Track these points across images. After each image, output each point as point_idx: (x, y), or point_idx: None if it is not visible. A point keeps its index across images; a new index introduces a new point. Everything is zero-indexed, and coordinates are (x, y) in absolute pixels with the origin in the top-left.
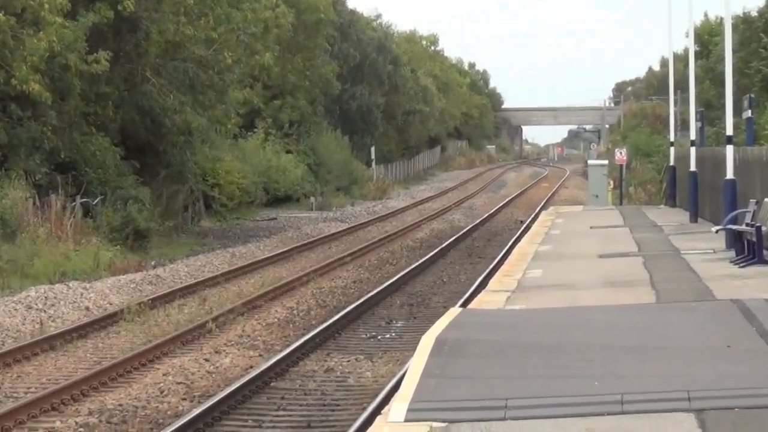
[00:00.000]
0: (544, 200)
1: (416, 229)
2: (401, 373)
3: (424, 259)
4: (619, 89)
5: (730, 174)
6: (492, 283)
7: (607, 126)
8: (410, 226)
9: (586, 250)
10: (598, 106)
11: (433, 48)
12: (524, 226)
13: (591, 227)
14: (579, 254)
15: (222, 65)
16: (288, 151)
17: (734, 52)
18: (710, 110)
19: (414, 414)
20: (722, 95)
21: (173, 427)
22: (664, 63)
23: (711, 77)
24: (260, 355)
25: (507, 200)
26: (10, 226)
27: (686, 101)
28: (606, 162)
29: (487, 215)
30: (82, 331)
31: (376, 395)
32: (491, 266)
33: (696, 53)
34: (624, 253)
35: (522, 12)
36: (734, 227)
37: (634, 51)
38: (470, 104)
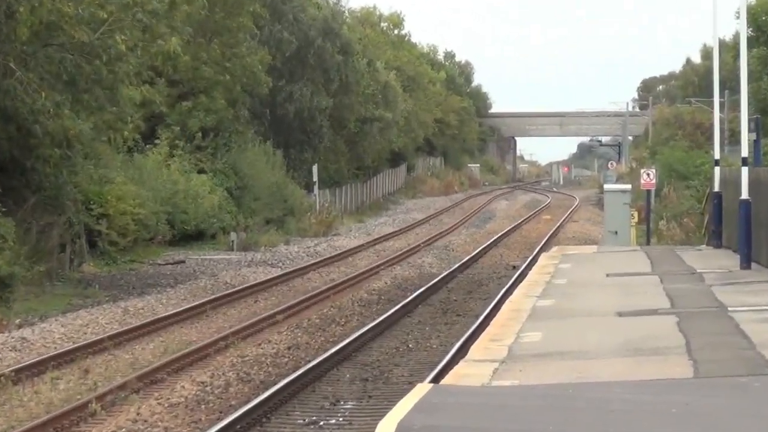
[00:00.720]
0: (546, 238)
1: (373, 277)
2: None
3: (383, 318)
4: (647, 88)
5: None
6: (474, 351)
7: (630, 138)
8: (365, 272)
9: (600, 305)
10: (618, 111)
11: (397, 32)
12: (518, 272)
13: (608, 275)
14: (591, 311)
15: (112, 53)
16: (201, 171)
17: None
18: None
19: None
20: None
21: None
22: (706, 53)
23: None
24: None
25: (495, 238)
26: None
27: (737, 104)
28: (628, 187)
29: (468, 258)
30: None
31: None
32: (473, 327)
33: (749, 39)
34: (652, 310)
35: None
36: None
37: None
38: (447, 107)
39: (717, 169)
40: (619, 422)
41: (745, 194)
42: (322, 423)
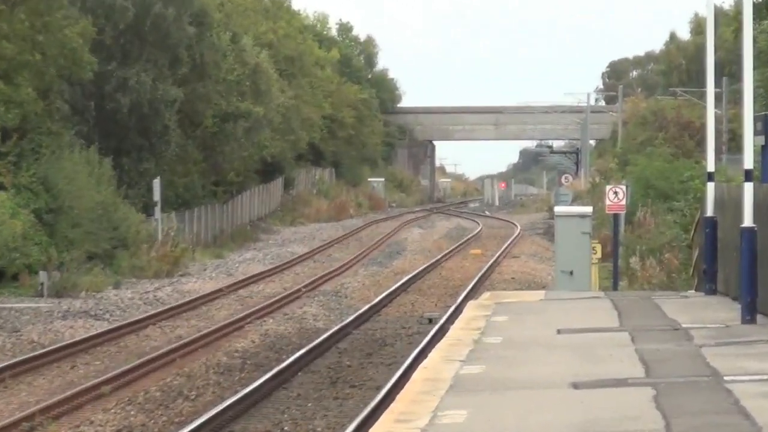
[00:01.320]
0: (474, 281)
1: (236, 334)
2: None
3: (248, 390)
4: (616, 74)
5: None
6: None
7: (591, 143)
8: (225, 327)
9: (549, 374)
10: (575, 106)
11: None
12: (436, 328)
13: (559, 331)
14: (537, 382)
15: None
16: None
17: None
18: None
19: None
20: None
21: None
22: (698, 27)
23: None
24: None
25: (405, 280)
26: None
27: (738, 97)
28: (589, 210)
29: (367, 308)
30: None
31: None
32: (373, 404)
33: (757, 7)
34: (620, 380)
35: None
36: None
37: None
38: (340, 100)
39: (711, 186)
40: None
41: (748, 220)
42: None
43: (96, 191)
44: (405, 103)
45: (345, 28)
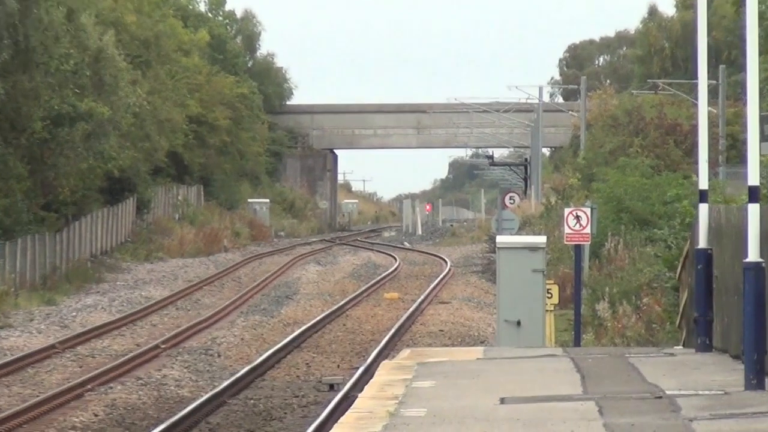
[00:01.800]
0: (389, 334)
1: (73, 405)
2: None
3: None
4: (577, 61)
5: None
6: None
7: (545, 151)
8: (58, 395)
9: None
10: (523, 103)
11: None
12: (339, 396)
13: (503, 401)
14: None
15: None
16: None
17: None
18: None
19: None
20: None
21: None
22: (685, 1)
23: None
24: None
25: (298, 333)
26: None
27: (740, 91)
28: (542, 240)
29: (247, 371)
30: None
31: None
32: None
33: None
34: None
35: None
36: None
37: None
38: (211, 96)
39: (704, 208)
40: None
41: (754, 253)
42: None
43: None
44: (297, 99)
45: (216, 2)
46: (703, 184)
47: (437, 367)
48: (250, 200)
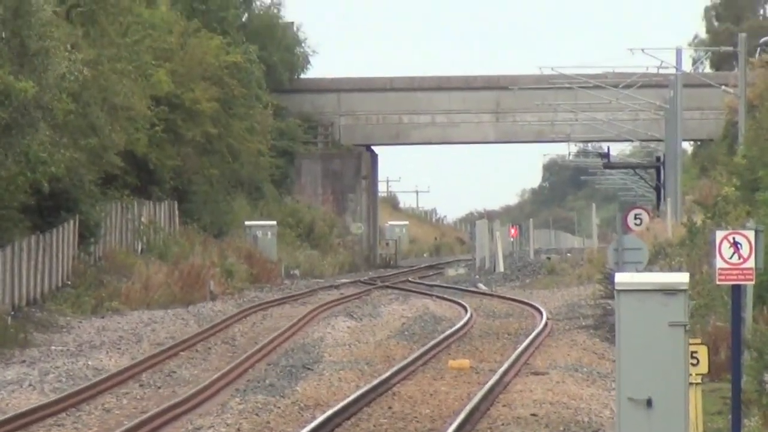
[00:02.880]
0: (457, 421)
1: None
2: None
3: None
4: (733, 12)
5: None
6: None
7: (686, 146)
8: None
9: None
10: (651, 75)
11: None
12: None
13: None
14: None
15: None
16: None
17: None
18: None
19: None
20: None
21: None
22: None
23: None
24: None
25: (322, 421)
26: None
27: None
28: (683, 279)
29: None
30: None
31: None
32: None
33: None
34: None
35: None
36: None
37: None
38: (189, 67)
39: None
40: None
41: None
42: None
43: None
44: (317, 72)
45: None
46: None
47: None
48: (247, 223)
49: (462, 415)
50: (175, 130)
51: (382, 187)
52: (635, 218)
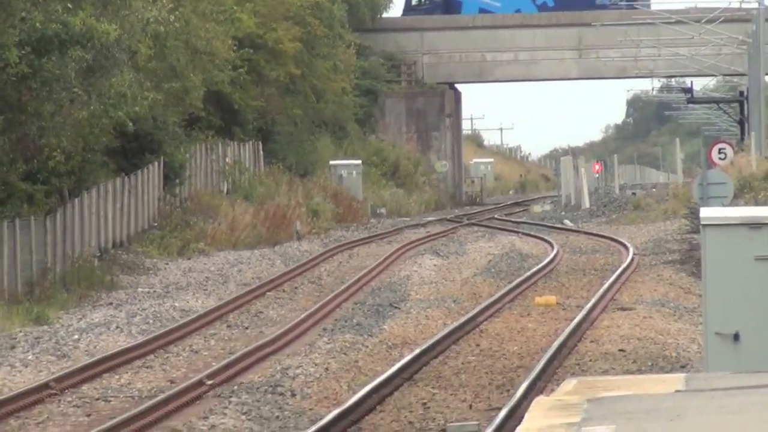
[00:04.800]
0: (544, 359)
1: None
2: None
3: None
4: None
5: None
6: None
7: None
8: None
9: None
10: (733, 9)
11: None
12: None
13: None
14: None
15: None
16: None
17: None
18: None
19: None
20: None
21: None
22: None
23: None
24: None
25: (408, 360)
26: None
27: None
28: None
29: (337, 415)
30: None
31: None
32: None
33: None
34: None
35: None
36: None
37: None
38: (271, 8)
39: None
40: None
41: None
42: None
43: None
44: (399, 11)
45: None
46: None
47: (617, 405)
48: (332, 162)
49: (549, 352)
50: (258, 71)
51: (466, 125)
52: (719, 152)
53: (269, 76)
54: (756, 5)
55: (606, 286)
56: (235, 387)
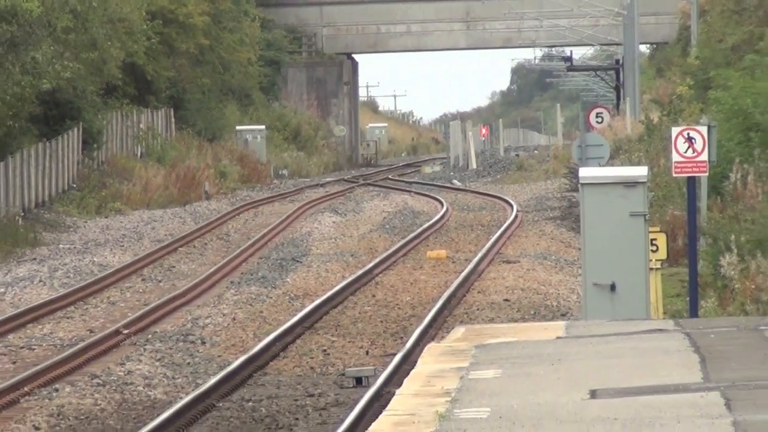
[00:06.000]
0: (435, 308)
1: (4, 416)
2: None
3: None
4: None
5: None
6: None
7: (643, 49)
8: None
9: None
10: None
11: None
12: (370, 393)
13: (593, 394)
14: None
15: None
16: None
17: None
18: None
19: None
20: None
21: None
22: None
23: None
24: None
25: (309, 310)
26: None
27: None
28: (642, 172)
29: (243, 361)
30: None
31: None
32: None
33: None
34: None
35: None
36: None
37: None
38: None
39: None
40: None
41: None
42: None
43: None
44: None
45: None
46: None
47: (503, 351)
48: (238, 127)
49: (440, 302)
50: (170, 43)
51: (362, 93)
52: (597, 116)
53: (180, 48)
54: None
55: (492, 240)
56: (150, 336)
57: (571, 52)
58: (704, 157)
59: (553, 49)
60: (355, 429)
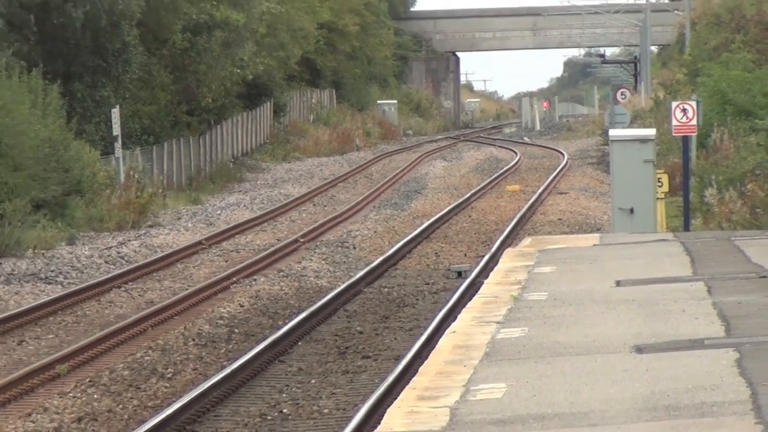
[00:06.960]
0: (512, 224)
1: (219, 297)
2: None
3: (237, 365)
4: None
5: None
6: (393, 418)
7: (653, 49)
8: (206, 288)
9: (606, 336)
10: (631, 4)
11: None
12: (466, 283)
13: (618, 283)
14: (591, 346)
15: None
16: None
17: None
18: None
19: None
20: None
21: None
22: None
23: None
24: None
25: (426, 225)
26: None
27: None
28: (652, 133)
29: (381, 261)
30: None
31: None
32: (392, 378)
33: None
34: (694, 341)
35: None
36: None
37: None
38: (340, 4)
39: None
40: None
41: None
42: None
43: (42, 125)
44: (420, 6)
45: None
46: None
47: (556, 254)
48: (379, 102)
49: (514, 221)
50: (332, 44)
51: (462, 78)
52: (621, 94)
53: (339, 47)
54: (644, 1)
55: (550, 178)
56: (318, 243)
57: (604, 51)
58: (694, 122)
59: (592, 48)
60: (456, 307)
